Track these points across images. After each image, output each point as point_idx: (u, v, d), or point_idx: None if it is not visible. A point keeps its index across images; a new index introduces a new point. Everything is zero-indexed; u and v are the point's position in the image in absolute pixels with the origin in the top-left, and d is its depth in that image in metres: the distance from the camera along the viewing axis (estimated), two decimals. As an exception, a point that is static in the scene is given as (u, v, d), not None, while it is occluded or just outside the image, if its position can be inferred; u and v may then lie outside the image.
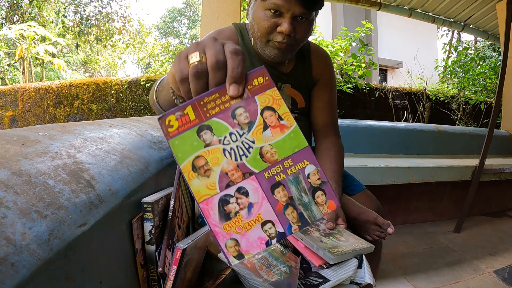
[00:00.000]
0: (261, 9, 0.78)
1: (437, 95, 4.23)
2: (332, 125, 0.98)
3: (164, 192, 0.53)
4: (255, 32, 0.82)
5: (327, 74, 0.98)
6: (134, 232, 0.44)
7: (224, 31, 0.90)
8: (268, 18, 0.77)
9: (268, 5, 0.75)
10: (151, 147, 0.58)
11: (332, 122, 0.98)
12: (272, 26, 0.78)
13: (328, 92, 0.98)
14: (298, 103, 0.95)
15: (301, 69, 0.95)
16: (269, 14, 0.77)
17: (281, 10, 0.76)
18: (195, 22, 20.31)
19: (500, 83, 2.24)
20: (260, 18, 0.79)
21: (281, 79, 0.92)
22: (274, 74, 0.91)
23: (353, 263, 0.62)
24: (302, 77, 0.95)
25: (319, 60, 0.97)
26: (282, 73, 0.92)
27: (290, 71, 0.93)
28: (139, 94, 4.18)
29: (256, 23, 0.80)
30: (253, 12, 0.81)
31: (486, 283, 1.47)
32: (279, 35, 0.78)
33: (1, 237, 0.24)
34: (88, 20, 9.78)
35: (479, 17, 3.14)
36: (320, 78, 0.97)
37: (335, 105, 1.00)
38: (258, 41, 0.83)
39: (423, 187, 2.17)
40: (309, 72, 0.96)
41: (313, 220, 0.35)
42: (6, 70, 8.02)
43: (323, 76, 0.97)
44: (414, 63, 4.31)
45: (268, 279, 0.51)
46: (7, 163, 0.32)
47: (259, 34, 0.81)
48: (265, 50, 0.83)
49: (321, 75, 0.97)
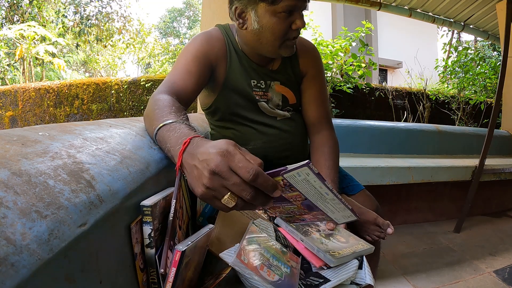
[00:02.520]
0: (271, 15, 0.77)
1: (437, 95, 4.23)
2: (325, 118, 0.97)
3: (163, 193, 0.53)
4: (267, 38, 0.81)
5: (315, 66, 0.97)
6: (132, 236, 0.44)
7: (212, 34, 0.89)
8: (283, 20, 0.77)
9: (281, 8, 0.75)
10: (151, 147, 0.58)
11: (324, 115, 0.97)
12: (288, 27, 0.79)
13: (317, 84, 0.97)
14: (289, 99, 0.95)
15: (288, 65, 0.94)
16: (282, 16, 0.77)
17: (296, 9, 0.77)
18: (195, 22, 20.31)
19: (500, 83, 2.24)
20: (273, 23, 0.78)
21: (269, 77, 0.92)
22: (263, 72, 0.91)
23: (354, 264, 0.62)
24: (291, 73, 0.95)
25: (305, 54, 0.96)
26: (270, 70, 0.92)
27: (277, 68, 0.93)
28: (139, 94, 4.18)
29: (269, 29, 0.79)
30: (259, 20, 0.79)
31: (486, 283, 1.47)
32: (295, 32, 0.80)
33: (1, 237, 0.24)
34: (88, 20, 9.77)
35: (479, 17, 3.14)
36: (308, 72, 0.96)
37: (326, 98, 0.99)
38: (269, 46, 0.82)
39: (423, 187, 2.17)
40: (297, 67, 0.95)
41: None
42: (6, 70, 8.02)
43: (311, 69, 0.96)
44: (414, 63, 4.31)
45: (269, 279, 0.51)
46: (7, 163, 0.32)
47: (273, 39, 0.80)
48: (279, 51, 0.83)
49: (308, 69, 0.96)
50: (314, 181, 0.43)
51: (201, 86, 0.84)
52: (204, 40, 0.86)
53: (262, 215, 0.73)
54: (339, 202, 0.48)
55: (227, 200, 0.40)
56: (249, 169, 0.39)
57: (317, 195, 0.47)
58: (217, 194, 0.42)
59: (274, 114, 0.93)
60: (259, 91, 0.91)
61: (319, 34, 3.30)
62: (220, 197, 0.41)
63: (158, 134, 0.56)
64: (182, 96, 0.76)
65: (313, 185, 0.44)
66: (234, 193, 0.41)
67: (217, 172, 0.41)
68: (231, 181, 0.40)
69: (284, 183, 0.43)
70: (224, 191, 0.41)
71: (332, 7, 8.67)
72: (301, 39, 0.98)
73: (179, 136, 0.51)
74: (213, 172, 0.41)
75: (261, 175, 0.40)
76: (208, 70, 0.85)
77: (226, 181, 0.40)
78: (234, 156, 0.41)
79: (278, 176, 0.42)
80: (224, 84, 0.88)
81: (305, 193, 0.46)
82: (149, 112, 0.64)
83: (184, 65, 0.81)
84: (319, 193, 0.46)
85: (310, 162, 0.40)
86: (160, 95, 0.70)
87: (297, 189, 0.45)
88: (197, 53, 0.83)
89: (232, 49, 0.89)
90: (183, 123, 0.55)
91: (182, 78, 0.79)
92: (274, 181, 0.41)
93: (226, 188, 0.41)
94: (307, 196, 0.47)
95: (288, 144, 0.93)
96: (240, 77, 0.89)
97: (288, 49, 0.83)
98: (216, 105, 0.92)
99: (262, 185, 0.40)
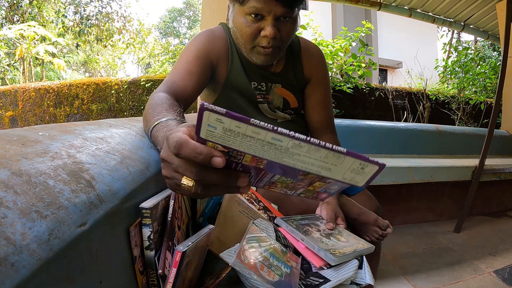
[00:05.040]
0: (241, 15, 0.75)
1: (437, 95, 4.22)
2: (328, 123, 0.97)
3: (162, 195, 0.52)
4: (238, 39, 0.80)
5: (320, 72, 0.95)
6: (132, 239, 0.43)
7: (215, 33, 0.88)
8: (250, 23, 0.74)
9: (248, 10, 0.72)
10: (151, 147, 0.58)
11: (327, 120, 0.96)
12: (255, 31, 0.75)
13: (322, 90, 0.96)
14: (290, 103, 0.94)
15: (291, 68, 0.93)
16: (250, 19, 0.74)
17: (262, 13, 0.73)
18: (195, 22, 20.30)
19: (500, 83, 2.24)
20: (241, 24, 0.75)
21: (271, 80, 0.91)
22: (264, 74, 0.90)
23: (354, 264, 0.62)
24: (293, 77, 0.93)
25: (310, 58, 0.95)
26: (271, 73, 0.91)
27: (280, 71, 0.92)
28: (139, 94, 4.18)
29: (239, 29, 0.77)
30: (233, 19, 0.78)
31: (486, 283, 1.47)
32: (263, 39, 0.76)
33: (1, 237, 0.24)
34: (88, 20, 9.77)
35: (479, 17, 3.14)
36: (312, 77, 0.95)
37: (330, 102, 0.98)
38: (243, 48, 0.80)
39: (423, 187, 2.17)
40: (300, 71, 0.94)
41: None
42: (6, 70, 8.01)
43: (316, 74, 0.95)
44: (414, 63, 4.31)
45: (269, 279, 0.51)
46: (7, 163, 0.32)
47: (243, 41, 0.78)
48: (251, 56, 0.81)
49: (313, 73, 0.95)
50: (237, 126, 0.31)
51: (202, 86, 0.83)
52: (206, 39, 0.85)
53: (262, 215, 0.73)
54: (314, 148, 0.32)
55: (184, 185, 0.36)
56: (173, 141, 0.35)
57: (268, 148, 0.32)
58: (175, 181, 0.38)
59: (275, 116, 0.93)
60: (260, 93, 0.90)
61: (319, 34, 3.31)
62: (180, 183, 0.37)
63: (151, 136, 0.55)
64: (182, 96, 0.75)
65: (244, 134, 0.31)
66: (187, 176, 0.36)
67: (164, 158, 0.38)
68: (174, 164, 0.36)
69: (223, 147, 0.33)
70: (177, 176, 0.37)
71: (332, 7, 8.68)
72: (307, 42, 0.97)
73: (164, 136, 0.49)
74: (162, 159, 0.39)
75: (185, 144, 0.33)
76: (209, 70, 0.84)
77: (172, 165, 0.37)
78: (172, 138, 0.36)
79: (209, 142, 0.33)
80: (225, 84, 0.88)
81: (249, 151, 0.33)
82: (145, 112, 0.64)
83: (185, 64, 0.80)
84: (266, 143, 0.32)
85: (205, 103, 0.31)
86: (156, 94, 0.69)
87: (235, 148, 0.33)
88: (198, 52, 0.82)
89: (234, 49, 0.88)
90: (172, 120, 0.53)
91: (183, 78, 0.78)
92: (204, 147, 0.33)
93: (178, 173, 0.37)
94: (257, 155, 0.33)
95: None
96: (241, 78, 0.88)
97: (260, 56, 0.79)
98: (217, 105, 0.92)
99: (190, 156, 0.33)
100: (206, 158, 0.33)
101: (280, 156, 0.33)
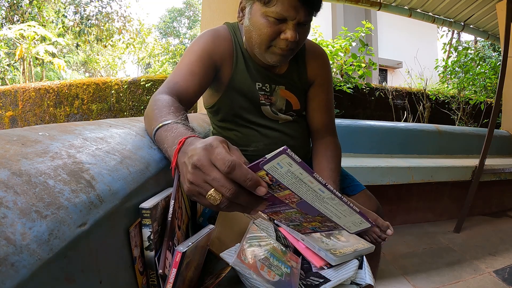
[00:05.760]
0: (262, 15, 0.74)
1: (437, 95, 4.22)
2: (329, 125, 0.97)
3: (162, 195, 0.52)
4: (253, 37, 0.78)
5: (324, 74, 0.95)
6: (131, 240, 0.43)
7: (220, 33, 0.87)
8: (271, 25, 0.74)
9: (273, 13, 0.72)
10: (151, 147, 0.58)
11: (329, 122, 0.96)
12: (275, 33, 0.75)
13: (324, 92, 0.96)
14: (293, 105, 0.93)
15: (295, 70, 0.92)
16: (272, 20, 0.73)
17: (287, 17, 0.73)
18: (195, 22, 20.30)
19: (500, 83, 2.24)
20: (261, 24, 0.75)
21: (275, 81, 0.90)
22: (268, 76, 0.89)
23: (354, 264, 0.62)
24: (297, 79, 0.93)
25: (315, 60, 0.94)
26: (276, 74, 0.90)
27: (284, 72, 0.91)
28: (139, 94, 4.18)
29: (257, 29, 0.76)
30: (251, 17, 0.77)
31: (486, 283, 1.47)
32: (283, 41, 0.75)
33: (1, 237, 0.24)
34: (88, 20, 9.77)
35: (479, 17, 3.14)
36: (316, 79, 0.94)
37: (331, 104, 0.98)
38: (256, 47, 0.79)
39: (423, 187, 2.17)
40: (304, 73, 0.93)
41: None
42: (6, 70, 8.01)
43: (320, 77, 0.94)
44: (414, 63, 4.31)
45: (269, 279, 0.51)
46: (7, 163, 0.32)
47: (259, 40, 0.77)
48: (265, 55, 0.80)
49: (317, 76, 0.94)
50: (300, 173, 0.37)
51: (204, 87, 0.82)
52: (210, 39, 0.84)
53: (263, 215, 0.73)
54: (340, 203, 0.41)
55: (210, 196, 0.38)
56: (225, 160, 0.37)
57: (310, 193, 0.40)
58: (201, 190, 0.40)
59: (276, 118, 0.92)
60: (264, 94, 0.89)
61: (319, 34, 3.31)
62: (204, 193, 0.39)
63: (156, 135, 0.56)
64: (184, 97, 0.74)
65: (301, 179, 0.38)
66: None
67: (198, 166, 0.39)
68: (211, 176, 0.38)
69: (270, 179, 0.38)
70: (206, 187, 0.39)
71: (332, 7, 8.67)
72: (312, 44, 0.96)
73: (175, 136, 0.50)
74: (195, 166, 0.39)
75: (238, 167, 0.37)
76: (212, 70, 0.83)
77: (207, 175, 0.38)
78: (215, 149, 0.39)
79: (262, 171, 0.38)
80: (229, 85, 0.87)
81: (296, 190, 0.39)
82: (149, 112, 0.64)
83: (188, 65, 0.79)
84: (311, 190, 0.39)
85: (288, 148, 0.35)
86: (160, 95, 0.69)
87: (285, 185, 0.39)
88: (201, 53, 0.81)
89: (238, 49, 0.87)
90: (181, 123, 0.55)
91: (185, 78, 0.77)
92: (254, 175, 0.37)
93: (209, 184, 0.39)
94: (299, 195, 0.40)
95: (290, 147, 0.93)
96: (245, 79, 0.87)
97: (275, 56, 0.79)
98: (219, 105, 0.91)
99: (240, 179, 0.37)
100: (253, 185, 0.37)
101: (313, 200, 0.41)
